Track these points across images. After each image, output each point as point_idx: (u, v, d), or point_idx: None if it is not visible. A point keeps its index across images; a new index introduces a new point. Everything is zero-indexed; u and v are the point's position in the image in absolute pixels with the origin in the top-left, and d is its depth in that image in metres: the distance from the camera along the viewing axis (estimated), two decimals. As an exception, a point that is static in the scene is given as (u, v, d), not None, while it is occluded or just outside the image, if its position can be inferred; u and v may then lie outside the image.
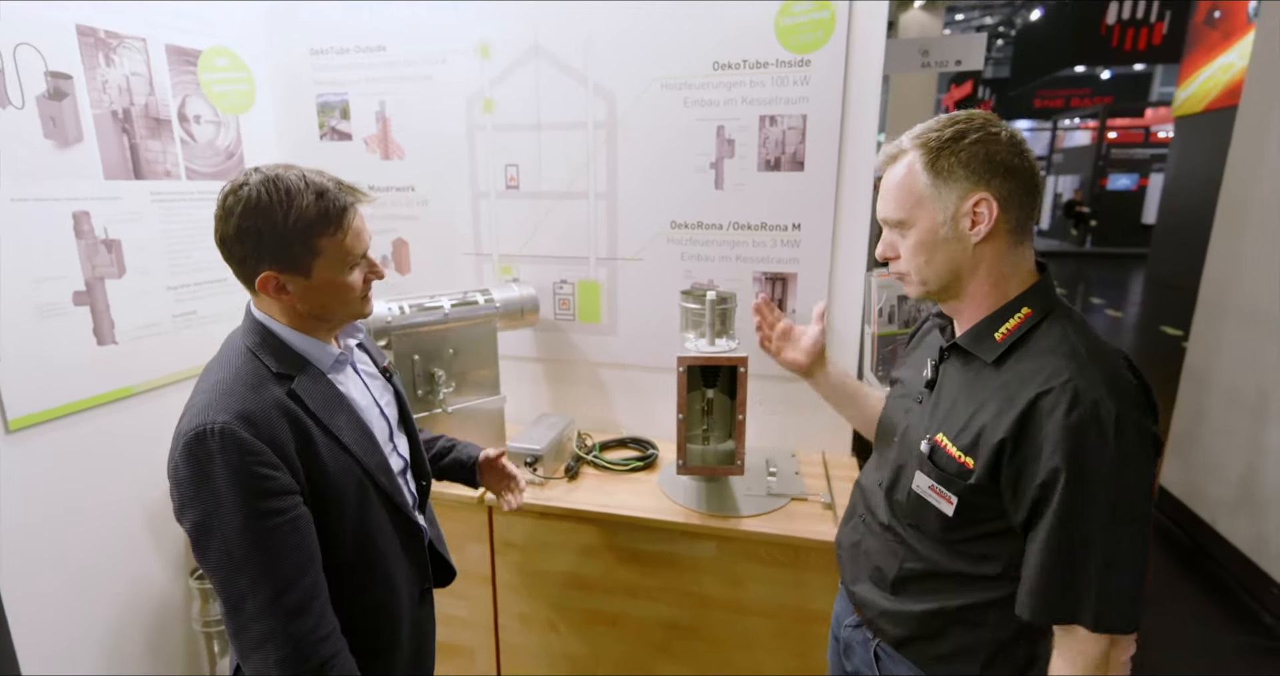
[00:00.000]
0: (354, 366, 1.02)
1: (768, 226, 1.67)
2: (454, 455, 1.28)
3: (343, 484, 0.90)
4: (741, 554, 1.47)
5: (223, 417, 0.80)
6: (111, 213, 1.54)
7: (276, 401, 0.85)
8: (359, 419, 0.95)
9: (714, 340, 1.43)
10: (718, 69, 1.61)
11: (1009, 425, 0.77)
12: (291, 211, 0.83)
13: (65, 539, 1.51)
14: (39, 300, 1.41)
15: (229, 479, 0.79)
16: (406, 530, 1.03)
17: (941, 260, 0.85)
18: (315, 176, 0.86)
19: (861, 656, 1.04)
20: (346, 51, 1.86)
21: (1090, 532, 0.74)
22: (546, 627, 1.65)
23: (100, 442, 1.56)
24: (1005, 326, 0.83)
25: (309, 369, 0.92)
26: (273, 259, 0.85)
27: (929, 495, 0.87)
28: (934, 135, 0.84)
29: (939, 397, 0.92)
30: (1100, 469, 0.73)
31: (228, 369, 0.87)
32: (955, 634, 0.90)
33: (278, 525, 0.81)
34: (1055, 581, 0.76)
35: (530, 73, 1.73)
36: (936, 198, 0.83)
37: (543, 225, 1.83)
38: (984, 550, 0.86)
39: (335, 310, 0.93)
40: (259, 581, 0.80)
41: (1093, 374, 0.75)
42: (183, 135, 1.70)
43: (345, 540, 0.92)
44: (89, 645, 1.58)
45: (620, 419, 1.93)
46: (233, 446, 0.79)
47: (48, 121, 1.41)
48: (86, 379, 1.52)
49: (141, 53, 1.59)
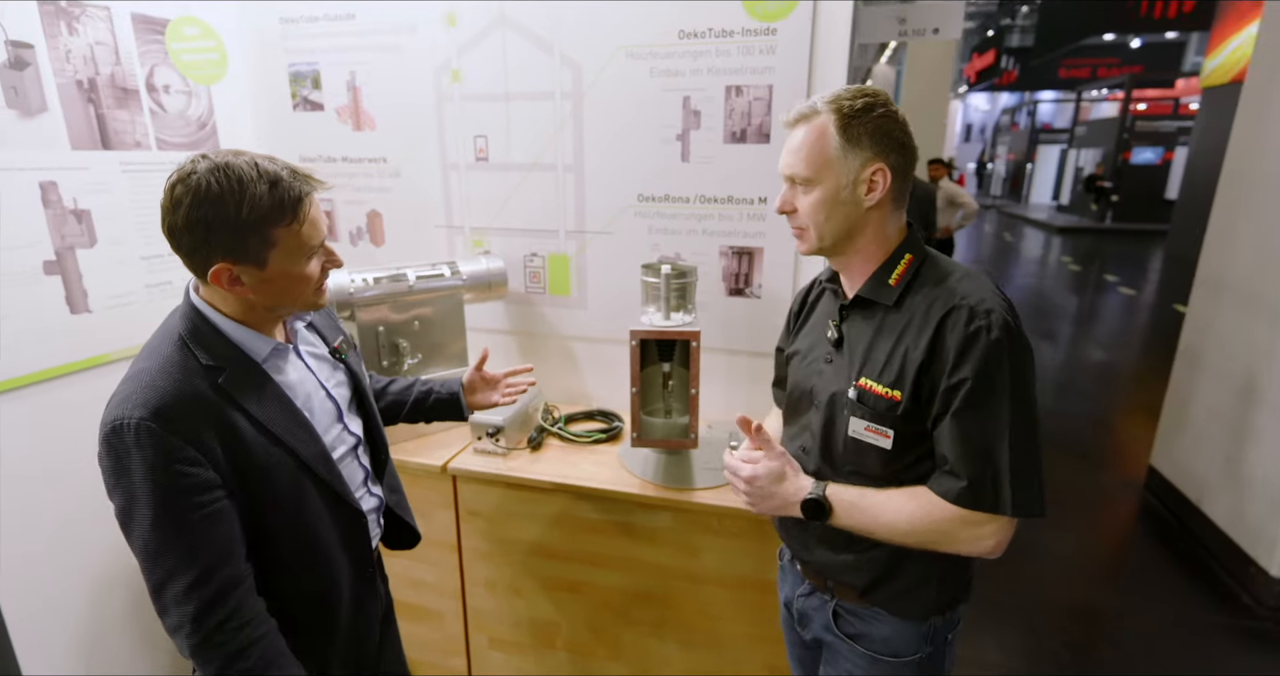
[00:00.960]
0: (297, 351, 1.01)
1: (734, 200, 1.66)
2: (436, 396, 1.30)
3: (275, 476, 0.90)
4: (696, 525, 1.49)
5: (139, 413, 0.80)
6: (79, 183, 1.56)
7: (200, 396, 0.84)
8: (293, 409, 0.94)
9: (669, 314, 1.44)
10: (683, 37, 1.57)
11: (923, 347, 0.87)
12: (245, 201, 0.79)
13: (44, 501, 1.56)
14: (9, 268, 1.44)
15: (144, 474, 0.80)
16: (348, 518, 1.02)
17: (838, 219, 0.93)
18: (267, 164, 0.83)
19: (820, 620, 1.09)
20: (317, 19, 1.84)
21: (999, 418, 0.84)
22: (511, 593, 1.69)
23: (76, 407, 1.61)
24: (896, 272, 0.94)
25: (242, 361, 0.90)
26: (225, 251, 0.82)
27: (865, 436, 0.94)
28: (847, 103, 0.89)
29: (850, 350, 0.98)
30: (999, 362, 0.84)
31: (155, 358, 0.86)
32: (911, 566, 0.97)
33: (194, 520, 0.82)
34: (976, 469, 0.85)
35: (498, 41, 1.71)
36: (843, 162, 0.90)
37: (513, 198, 1.83)
38: (922, 471, 0.93)
39: (289, 302, 0.91)
40: (174, 572, 0.82)
41: (976, 291, 0.87)
42: (152, 105, 1.71)
43: (281, 531, 0.93)
44: (72, 602, 1.65)
45: (591, 391, 1.94)
46: (148, 443, 0.79)
47: (9, 90, 1.42)
48: (60, 346, 1.56)
49: (105, 22, 1.59)
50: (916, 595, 0.99)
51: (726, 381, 1.79)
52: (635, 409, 1.44)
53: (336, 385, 1.06)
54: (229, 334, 0.90)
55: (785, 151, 0.94)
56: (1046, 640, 2.25)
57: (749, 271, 1.70)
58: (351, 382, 1.10)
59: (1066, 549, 2.79)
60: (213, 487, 0.84)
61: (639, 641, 1.63)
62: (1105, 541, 2.94)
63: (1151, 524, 3.00)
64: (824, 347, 1.03)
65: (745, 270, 1.70)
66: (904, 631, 1.00)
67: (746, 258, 1.69)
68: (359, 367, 1.14)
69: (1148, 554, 2.80)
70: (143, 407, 0.80)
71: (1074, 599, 2.48)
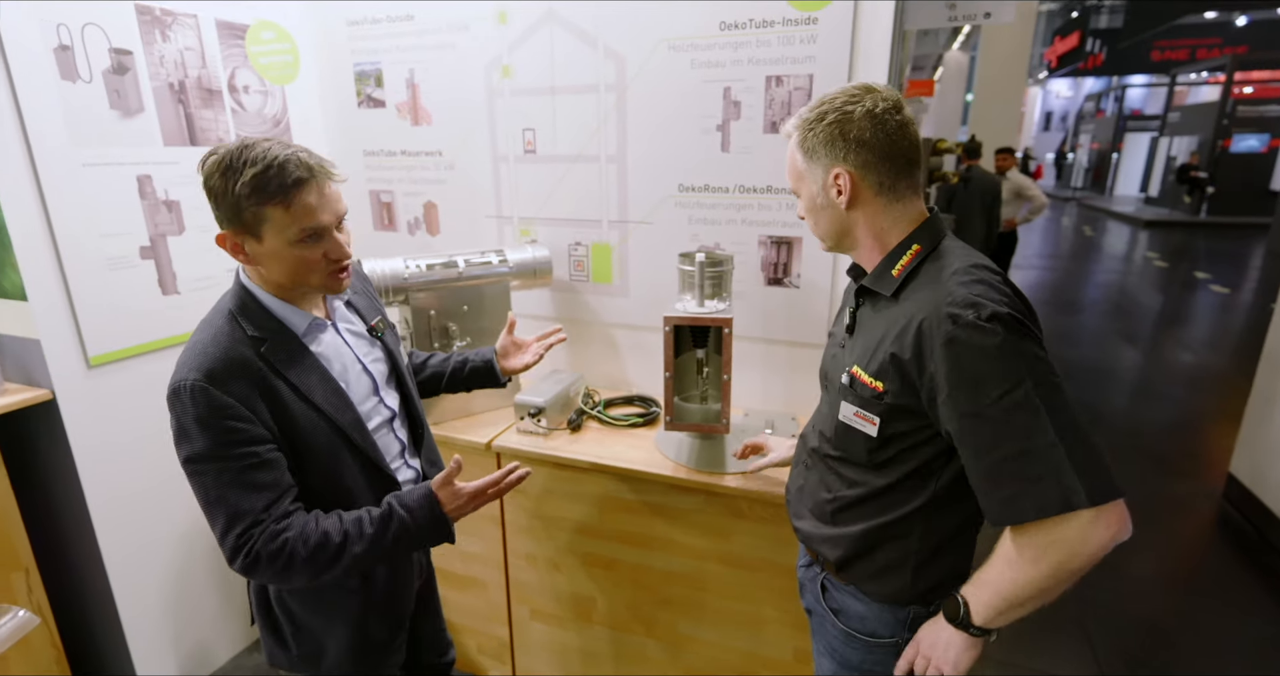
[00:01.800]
0: (336, 328, 1.09)
1: (773, 190, 1.67)
2: (471, 365, 1.40)
3: (313, 440, 1.00)
4: (727, 509, 1.52)
5: (194, 376, 0.91)
6: (171, 176, 1.73)
7: (246, 362, 0.94)
8: (329, 378, 1.03)
9: (703, 301, 1.47)
10: (724, 29, 1.59)
11: (909, 349, 0.86)
12: (243, 176, 0.88)
13: (138, 461, 1.74)
14: (109, 253, 1.61)
15: (200, 429, 0.91)
16: (382, 486, 1.10)
17: (825, 222, 0.98)
18: (281, 149, 0.91)
19: (811, 591, 1.14)
20: (379, 21, 1.95)
21: (1010, 426, 0.79)
22: (551, 567, 1.77)
23: (166, 381, 1.78)
24: (900, 263, 0.94)
25: (283, 332, 0.99)
26: (227, 220, 0.92)
27: (854, 421, 0.96)
28: (806, 116, 0.94)
29: (857, 338, 1.01)
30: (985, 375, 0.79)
31: (208, 330, 0.97)
32: (886, 548, 0.99)
33: (244, 467, 0.92)
34: (1005, 477, 0.80)
35: (545, 37, 1.77)
36: (810, 173, 0.96)
37: (558, 188, 1.90)
38: (906, 465, 0.94)
39: (299, 281, 0.98)
40: (232, 515, 0.93)
41: (963, 291, 0.83)
42: (233, 105, 1.86)
43: (319, 495, 1.02)
44: (161, 548, 1.84)
45: (631, 377, 2.00)
46: (202, 401, 0.91)
47: (113, 93, 1.58)
48: (153, 324, 1.73)
49: (194, 28, 1.74)
50: (889, 579, 1.00)
51: (764, 370, 1.81)
52: (668, 394, 1.48)
53: (373, 361, 1.14)
54: (271, 308, 1.00)
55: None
56: (1102, 651, 2.16)
57: (787, 261, 1.71)
58: (389, 360, 1.18)
59: (1134, 558, 2.66)
60: (261, 441, 0.94)
61: (672, 620, 1.68)
62: (1177, 551, 2.78)
63: (1228, 534, 2.82)
64: (842, 333, 1.06)
65: (784, 260, 1.71)
66: (882, 613, 1.02)
67: (785, 247, 1.70)
68: (396, 347, 1.22)
69: (1223, 565, 2.64)
70: (196, 371, 0.92)
71: (1138, 610, 2.37)
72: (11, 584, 1.60)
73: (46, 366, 1.53)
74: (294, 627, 1.11)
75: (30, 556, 1.64)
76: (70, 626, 1.78)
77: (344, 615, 1.11)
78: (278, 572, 0.95)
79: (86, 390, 1.61)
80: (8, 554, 1.59)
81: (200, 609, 1.96)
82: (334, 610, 1.11)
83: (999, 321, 0.79)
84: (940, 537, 0.97)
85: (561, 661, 1.87)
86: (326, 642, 1.12)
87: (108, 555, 1.69)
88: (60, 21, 1.47)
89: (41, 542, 1.68)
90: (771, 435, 1.57)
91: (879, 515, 0.98)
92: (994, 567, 0.87)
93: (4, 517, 1.59)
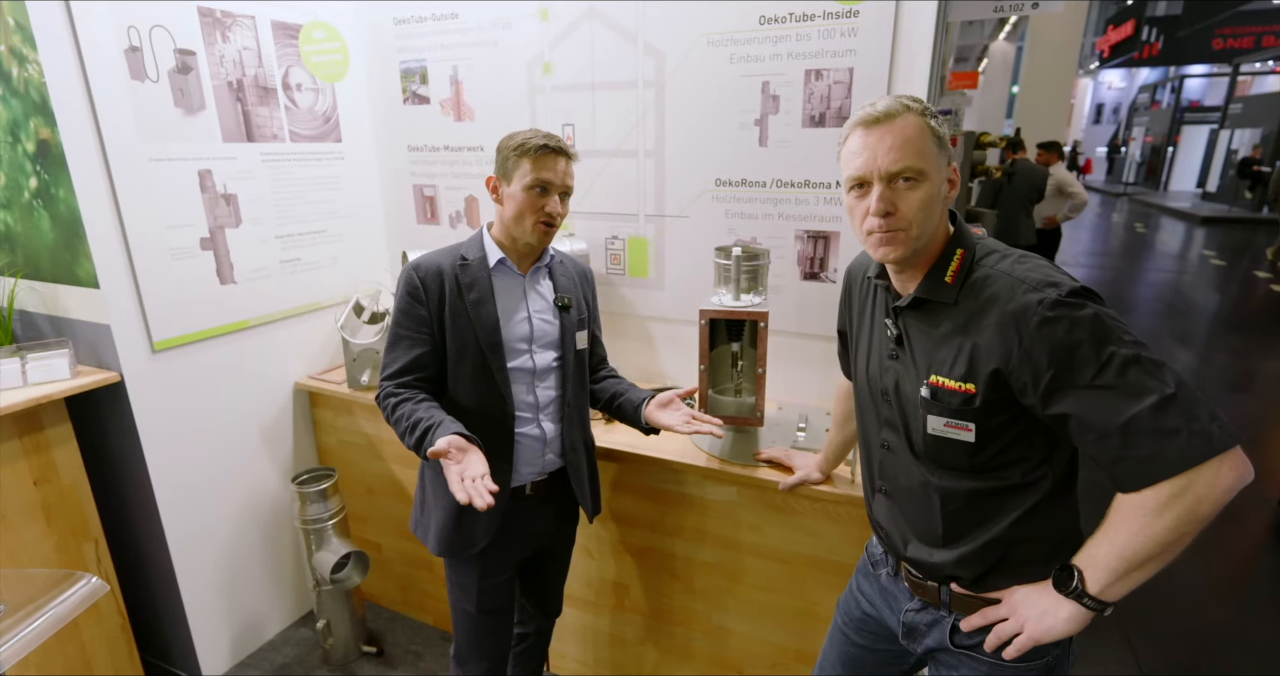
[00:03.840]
0: (524, 280, 1.35)
1: (811, 184, 1.67)
2: (620, 400, 1.47)
3: (462, 342, 1.29)
4: (759, 501, 1.54)
5: (413, 263, 1.30)
6: (229, 171, 1.81)
7: (445, 269, 1.29)
8: (491, 303, 1.30)
9: (739, 295, 1.48)
10: (764, 23, 1.60)
11: (993, 343, 0.86)
12: (516, 139, 1.27)
13: (196, 447, 1.84)
14: (172, 244, 1.70)
15: (399, 297, 1.30)
16: (497, 410, 1.32)
17: (937, 215, 0.92)
18: (544, 132, 1.28)
19: (933, 635, 1.05)
20: (425, 19, 2.01)
21: (1131, 387, 0.79)
22: (583, 552, 1.81)
23: (223, 367, 1.87)
24: (950, 269, 0.92)
25: (480, 263, 1.31)
26: (497, 168, 1.30)
27: (946, 432, 0.93)
28: (924, 106, 0.90)
29: (912, 348, 0.97)
30: (1086, 345, 0.80)
31: (447, 247, 1.35)
32: (1018, 551, 0.95)
33: (406, 334, 1.29)
34: (1141, 436, 0.79)
35: (586, 34, 1.80)
36: (938, 158, 0.90)
37: (596, 183, 1.93)
38: (1010, 458, 0.92)
39: (515, 221, 1.28)
40: (388, 363, 1.30)
41: (1033, 276, 0.85)
42: (286, 102, 1.94)
43: (449, 383, 1.32)
44: (218, 534, 1.93)
45: (665, 370, 2.02)
46: (404, 281, 1.29)
47: (177, 92, 1.67)
48: (212, 311, 1.82)
49: (251, 29, 1.82)
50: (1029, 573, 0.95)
51: (798, 364, 1.81)
52: (703, 386, 1.50)
53: (543, 320, 1.36)
54: (484, 243, 1.34)
55: (883, 150, 0.88)
56: (1145, 659, 2.11)
57: (824, 255, 1.71)
58: (559, 332, 1.37)
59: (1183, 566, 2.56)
60: (426, 324, 1.28)
61: (705, 611, 1.70)
62: (1228, 560, 2.69)
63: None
64: (886, 344, 1.02)
65: (820, 254, 1.71)
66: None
67: (823, 241, 1.70)
68: (574, 325, 1.39)
69: (1276, 575, 2.54)
70: (414, 264, 1.30)
71: (1186, 619, 2.30)
72: (82, 553, 1.71)
73: (116, 350, 1.62)
74: (421, 497, 1.42)
75: (99, 528, 1.75)
76: (134, 595, 1.89)
77: (446, 500, 1.33)
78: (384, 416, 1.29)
79: (151, 373, 1.70)
80: (79, 524, 1.70)
81: (254, 584, 2.06)
82: (441, 492, 1.34)
83: (1082, 294, 0.82)
84: (1065, 526, 0.96)
85: (593, 646, 1.91)
86: (430, 518, 1.38)
87: (169, 529, 1.79)
88: (131, 24, 1.56)
89: (109, 516, 1.79)
90: (801, 442, 1.58)
91: (997, 519, 0.94)
92: (1109, 531, 0.85)
93: (77, 490, 1.69)
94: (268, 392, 2.02)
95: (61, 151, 1.48)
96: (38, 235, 1.62)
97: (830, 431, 1.40)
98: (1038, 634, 0.90)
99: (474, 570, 1.39)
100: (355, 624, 2.05)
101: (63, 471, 1.66)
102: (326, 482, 1.93)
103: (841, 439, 1.37)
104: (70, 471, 1.68)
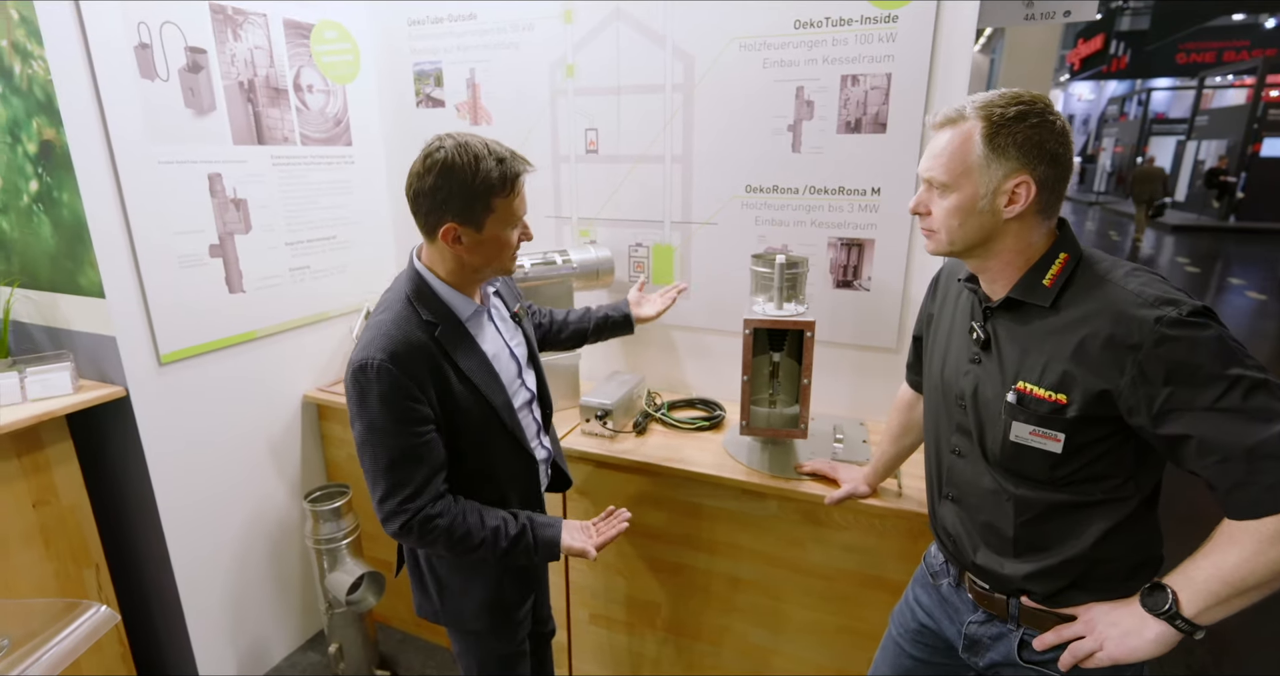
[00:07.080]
0: (490, 314, 1.17)
1: (845, 191, 1.64)
2: (611, 319, 1.54)
3: (471, 420, 1.09)
4: (801, 515, 1.50)
5: (380, 356, 0.99)
6: (239, 174, 1.73)
7: (423, 345, 1.03)
8: (488, 363, 1.12)
9: (782, 304, 1.44)
10: (799, 28, 1.57)
11: (1097, 356, 0.83)
12: (478, 173, 0.97)
13: (202, 463, 1.74)
14: (180, 251, 1.62)
15: (379, 405, 1.00)
16: (524, 464, 1.21)
17: (973, 227, 0.90)
18: (495, 145, 1.01)
19: (999, 650, 1.02)
20: (441, 21, 1.95)
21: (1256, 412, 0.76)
22: (612, 571, 1.75)
23: (230, 380, 1.79)
24: (1050, 273, 0.90)
25: (452, 318, 1.08)
26: (455, 213, 1.00)
27: (1031, 440, 0.90)
28: (998, 110, 0.85)
29: (1000, 352, 0.94)
30: (1209, 367, 0.78)
31: (389, 312, 1.06)
32: (1099, 568, 0.92)
33: (415, 445, 1.02)
34: (1267, 462, 0.76)
35: (611, 36, 1.76)
36: (984, 170, 0.87)
37: (620, 189, 1.88)
38: (1094, 473, 0.89)
39: (491, 263, 1.07)
40: (398, 486, 1.02)
41: (1150, 291, 0.82)
42: (298, 104, 1.86)
43: (469, 464, 1.12)
44: (224, 554, 1.84)
45: (690, 380, 1.98)
46: (385, 380, 0.99)
47: (187, 92, 1.59)
48: (220, 321, 1.73)
49: (263, 27, 1.75)
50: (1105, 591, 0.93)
51: (829, 375, 1.78)
52: (745, 397, 1.46)
53: (516, 344, 1.23)
54: (442, 295, 1.08)
55: (926, 154, 0.92)
56: (1169, 664, 2.11)
57: (858, 263, 1.68)
58: (527, 344, 1.26)
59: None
60: (429, 421, 1.04)
61: (744, 630, 1.65)
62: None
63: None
64: (968, 347, 0.99)
65: (854, 262, 1.69)
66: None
67: (856, 249, 1.68)
68: (531, 331, 1.31)
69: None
70: (382, 352, 1.00)
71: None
72: (83, 579, 1.60)
73: (121, 363, 1.53)
74: (439, 585, 1.23)
75: (100, 552, 1.65)
76: (135, 621, 1.78)
77: (483, 577, 1.21)
78: (424, 545, 1.09)
79: (157, 387, 1.61)
80: (79, 549, 1.60)
81: (259, 608, 1.96)
82: (474, 573, 1.21)
83: (1204, 314, 0.80)
84: (1149, 548, 0.93)
85: (620, 666, 1.85)
86: (466, 599, 1.23)
87: (174, 552, 1.69)
88: (141, 19, 1.48)
89: (110, 538, 1.69)
90: (839, 454, 1.54)
91: (1078, 536, 0.92)
92: (1213, 553, 0.82)
93: (77, 512, 1.59)
94: (275, 406, 1.93)
95: (67, 153, 1.39)
96: (37, 241, 1.53)
97: (882, 443, 1.37)
98: (1119, 653, 0.87)
99: (519, 631, 1.31)
100: (368, 647, 1.97)
101: (63, 492, 1.56)
102: (340, 500, 1.84)
103: (895, 451, 1.34)
104: (71, 492, 1.57)
